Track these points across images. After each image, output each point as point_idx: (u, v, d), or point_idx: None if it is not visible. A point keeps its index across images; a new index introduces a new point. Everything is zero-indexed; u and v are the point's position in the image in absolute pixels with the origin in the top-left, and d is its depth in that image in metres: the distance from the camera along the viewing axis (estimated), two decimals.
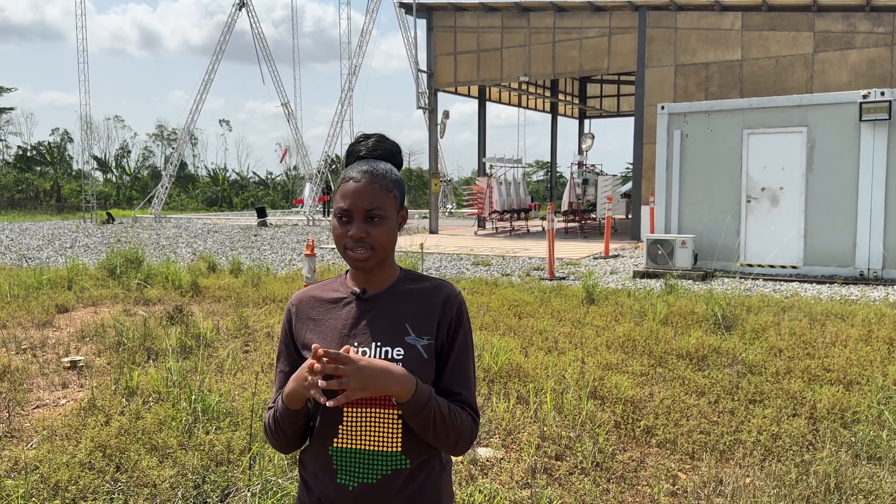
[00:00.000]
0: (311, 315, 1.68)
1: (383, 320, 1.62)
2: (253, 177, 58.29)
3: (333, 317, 1.65)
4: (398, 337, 1.59)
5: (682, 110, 12.90)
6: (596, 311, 8.34)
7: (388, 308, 1.63)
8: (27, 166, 50.20)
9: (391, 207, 1.61)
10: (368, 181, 1.58)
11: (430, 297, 1.64)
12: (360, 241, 1.57)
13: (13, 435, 4.46)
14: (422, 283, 1.68)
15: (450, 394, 1.61)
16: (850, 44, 17.00)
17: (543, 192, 47.75)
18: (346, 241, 1.59)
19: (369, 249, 1.58)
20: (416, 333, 1.59)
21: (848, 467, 3.88)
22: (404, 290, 1.66)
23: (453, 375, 1.62)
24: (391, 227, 1.61)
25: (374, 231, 1.58)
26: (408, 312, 1.62)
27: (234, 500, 3.58)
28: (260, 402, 4.80)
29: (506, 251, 16.68)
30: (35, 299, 8.94)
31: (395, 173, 1.66)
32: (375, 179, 1.59)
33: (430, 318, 1.62)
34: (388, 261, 1.67)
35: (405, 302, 1.64)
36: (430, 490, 1.61)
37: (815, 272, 11.70)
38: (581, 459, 4.07)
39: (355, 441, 1.56)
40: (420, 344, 1.59)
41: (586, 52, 20.70)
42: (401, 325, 1.61)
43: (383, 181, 1.60)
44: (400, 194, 1.66)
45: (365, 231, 1.57)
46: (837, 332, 7.09)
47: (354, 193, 1.58)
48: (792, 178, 11.87)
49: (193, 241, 20.42)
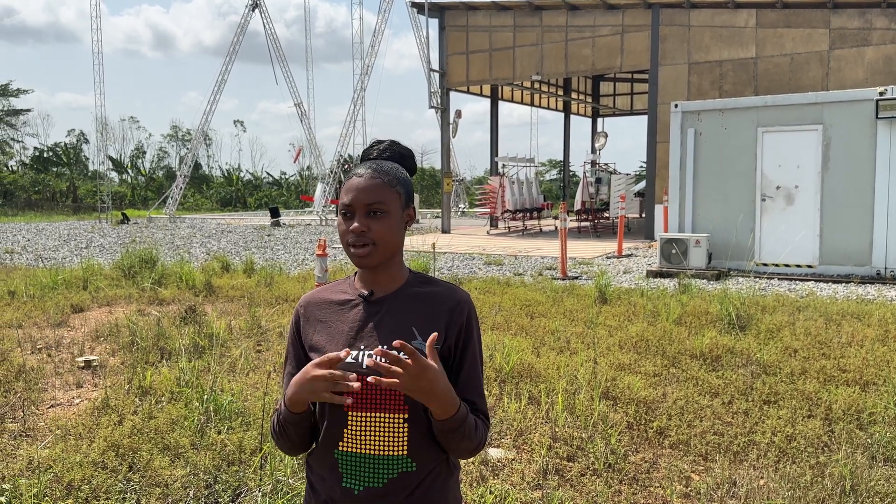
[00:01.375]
0: (319, 317, 1.67)
1: (390, 323, 1.60)
2: (267, 177, 58.55)
3: (341, 319, 1.64)
4: (405, 340, 1.56)
5: (695, 108, 12.81)
6: (609, 310, 8.30)
7: (396, 311, 1.62)
8: (44, 167, 50.68)
9: (394, 203, 1.59)
10: (371, 176, 1.58)
11: (439, 302, 1.62)
12: (361, 236, 1.56)
13: (28, 434, 4.50)
14: (431, 286, 1.66)
15: (463, 400, 1.60)
16: (867, 40, 16.82)
17: (556, 191, 47.63)
18: (348, 236, 1.58)
19: (371, 244, 1.56)
20: (423, 338, 1.58)
21: (864, 469, 3.83)
22: (412, 292, 1.65)
23: (467, 384, 1.61)
24: (394, 224, 1.59)
25: (376, 225, 1.56)
26: (415, 316, 1.61)
27: (245, 500, 3.59)
28: (271, 401, 4.81)
29: (518, 251, 16.65)
30: (50, 299, 9.02)
31: (400, 171, 1.65)
32: (378, 175, 1.59)
33: (438, 324, 1.60)
34: (394, 261, 1.65)
35: (413, 305, 1.62)
36: (437, 494, 1.60)
37: (831, 271, 11.59)
38: (593, 460, 4.05)
39: (360, 445, 1.55)
40: (426, 349, 1.58)
41: (599, 50, 20.61)
42: (407, 328, 1.59)
43: (386, 177, 1.60)
44: (405, 192, 1.64)
45: (366, 225, 1.56)
46: (853, 332, 7.01)
47: (357, 188, 1.58)
48: (807, 177, 11.76)
49: (207, 241, 20.54)
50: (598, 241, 19.39)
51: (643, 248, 16.98)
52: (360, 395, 1.55)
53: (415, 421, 1.55)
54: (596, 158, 25.39)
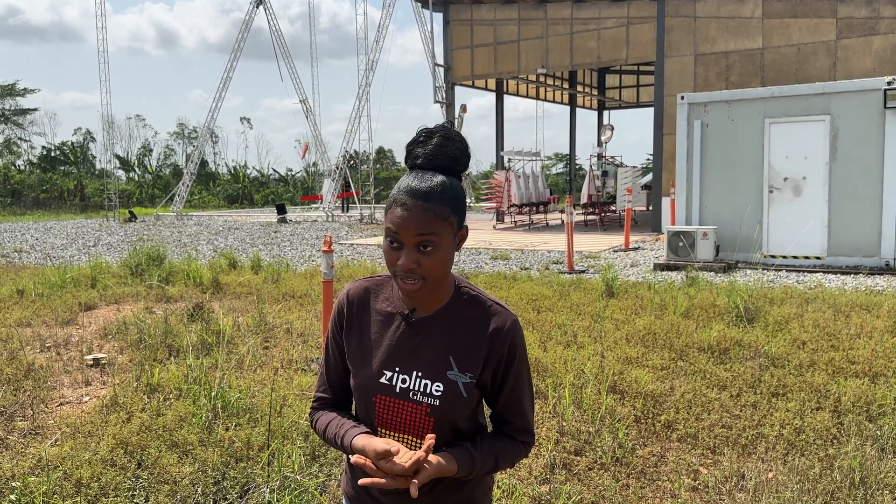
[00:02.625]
0: (361, 323, 1.64)
1: (428, 349, 1.57)
2: (273, 174, 58.66)
3: (380, 332, 1.61)
4: (441, 370, 1.55)
5: (702, 100, 12.74)
6: (616, 304, 8.28)
7: (435, 336, 1.57)
8: (51, 166, 50.90)
9: (446, 233, 1.47)
10: (420, 208, 1.43)
11: (481, 330, 1.56)
12: (411, 272, 1.47)
13: (37, 432, 4.52)
14: (474, 308, 1.58)
15: (504, 423, 1.62)
16: (874, 30, 16.69)
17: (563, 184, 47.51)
18: (395, 268, 1.49)
19: (420, 280, 1.47)
20: (459, 369, 1.55)
21: (873, 461, 3.81)
22: (454, 316, 1.58)
23: (507, 406, 1.61)
24: (445, 255, 1.48)
25: (426, 261, 1.46)
26: (454, 344, 1.56)
27: (253, 497, 3.60)
28: (279, 398, 4.82)
29: (524, 245, 16.63)
30: (59, 297, 9.06)
31: (451, 191, 1.48)
32: (429, 207, 1.44)
33: (477, 353, 1.55)
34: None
35: (454, 331, 1.57)
36: (462, 485, 1.61)
37: (840, 263, 11.53)
38: (601, 454, 4.04)
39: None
40: (461, 381, 1.55)
41: (605, 42, 20.53)
42: (445, 357, 1.56)
43: (438, 207, 1.44)
44: (459, 216, 1.51)
45: (416, 262, 1.45)
46: (862, 323, 6.97)
47: (405, 221, 1.44)
48: (815, 168, 11.69)
49: (214, 238, 20.59)
50: (604, 234, 19.34)
51: (650, 241, 16.93)
52: (388, 417, 1.57)
53: (441, 435, 1.56)
54: (602, 151, 25.28)
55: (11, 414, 4.84)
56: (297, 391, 5.12)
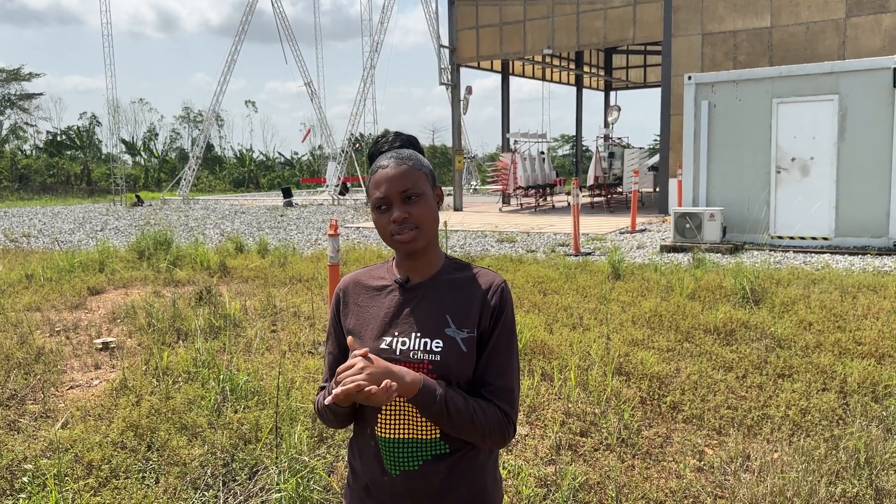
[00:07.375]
0: (357, 301, 1.71)
1: (424, 310, 1.62)
2: (279, 157, 58.60)
3: (376, 304, 1.67)
4: (439, 328, 1.60)
5: (709, 80, 12.64)
6: (622, 286, 8.28)
7: (431, 298, 1.64)
8: (57, 151, 50.97)
9: (425, 184, 1.62)
10: (396, 163, 1.60)
11: (473, 288, 1.64)
12: (405, 223, 1.58)
13: (48, 415, 4.58)
14: (466, 272, 1.68)
15: (483, 384, 1.60)
16: (884, 7, 16.47)
17: (569, 166, 47.34)
18: (390, 227, 1.59)
19: (414, 228, 1.59)
20: (457, 325, 1.60)
21: (879, 442, 3.82)
22: (448, 279, 1.66)
23: (488, 365, 1.61)
24: (430, 204, 1.62)
25: (415, 210, 1.59)
26: (449, 303, 1.63)
27: (261, 478, 3.64)
28: (286, 381, 4.86)
29: (531, 227, 16.61)
30: (67, 282, 9.12)
31: (418, 154, 1.67)
32: (403, 161, 1.61)
33: (472, 310, 1.61)
34: (431, 246, 1.67)
35: (448, 292, 1.64)
36: (475, 475, 1.63)
37: (847, 243, 11.48)
38: (606, 436, 4.06)
39: (395, 430, 1.59)
40: (460, 337, 1.59)
41: (611, 22, 20.33)
42: (442, 315, 1.61)
43: (410, 161, 1.62)
44: (431, 172, 1.67)
45: (406, 211, 1.58)
46: (869, 304, 6.96)
47: (387, 179, 1.59)
48: (823, 148, 11.61)
49: (221, 222, 20.63)
50: (611, 216, 19.29)
51: (657, 223, 16.88)
52: None
53: None
54: (609, 132, 25.15)
55: (23, 397, 4.90)
56: (304, 374, 5.16)
